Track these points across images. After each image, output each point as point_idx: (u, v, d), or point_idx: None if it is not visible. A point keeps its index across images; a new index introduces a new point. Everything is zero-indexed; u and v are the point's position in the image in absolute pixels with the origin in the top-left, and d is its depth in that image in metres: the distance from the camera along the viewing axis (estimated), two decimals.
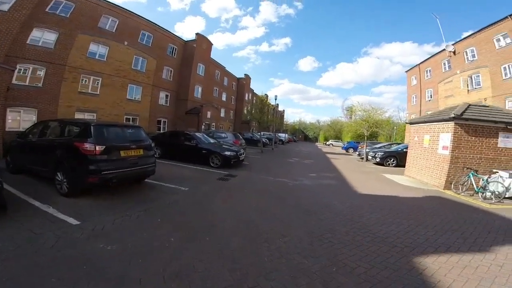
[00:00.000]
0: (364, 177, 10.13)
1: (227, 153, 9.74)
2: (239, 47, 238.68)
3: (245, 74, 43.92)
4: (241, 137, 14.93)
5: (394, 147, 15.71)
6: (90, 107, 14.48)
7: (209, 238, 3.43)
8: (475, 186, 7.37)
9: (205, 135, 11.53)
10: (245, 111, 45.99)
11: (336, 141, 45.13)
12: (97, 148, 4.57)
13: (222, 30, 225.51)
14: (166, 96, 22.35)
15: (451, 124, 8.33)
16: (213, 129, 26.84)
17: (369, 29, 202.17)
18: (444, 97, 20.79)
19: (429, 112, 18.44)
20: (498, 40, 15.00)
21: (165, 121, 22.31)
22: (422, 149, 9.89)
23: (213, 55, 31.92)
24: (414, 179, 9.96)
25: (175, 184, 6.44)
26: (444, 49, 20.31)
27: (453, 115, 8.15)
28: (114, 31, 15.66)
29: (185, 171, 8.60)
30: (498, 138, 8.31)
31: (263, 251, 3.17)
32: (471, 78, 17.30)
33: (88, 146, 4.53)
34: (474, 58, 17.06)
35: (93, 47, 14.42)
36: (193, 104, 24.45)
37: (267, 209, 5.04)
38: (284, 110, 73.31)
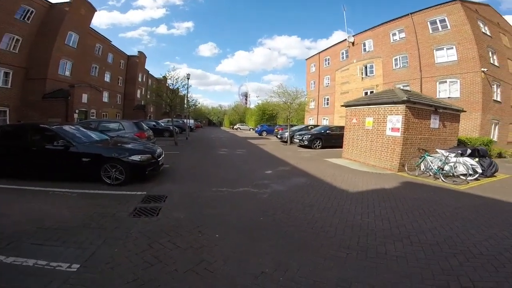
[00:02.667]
0: (318, 166, 8.77)
1: (136, 157, 5.60)
2: (129, 27, 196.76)
3: (138, 52, 35.15)
4: (146, 127, 10.29)
5: (315, 130, 15.78)
6: None
7: None
8: (433, 167, 7.36)
9: (82, 128, 6.60)
10: (138, 95, 37.31)
11: (243, 125, 45.21)
12: None
13: (108, 8, 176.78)
14: (6, 74, 13.79)
15: (401, 107, 8.21)
16: (94, 118, 19.37)
17: (266, 21, 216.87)
18: (341, 84, 23.45)
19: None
20: (394, 34, 17.55)
21: (5, 111, 13.83)
22: (364, 131, 9.56)
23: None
24: (358, 162, 9.61)
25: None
26: (344, 40, 22.58)
27: (405, 98, 8.04)
28: None
29: (46, 206, 4.02)
30: (430, 119, 8.86)
31: None
32: (366, 67, 19.91)
33: None
34: (371, 49, 19.59)
35: None
36: (56, 84, 16.93)
37: None
38: (184, 95, 66.57)
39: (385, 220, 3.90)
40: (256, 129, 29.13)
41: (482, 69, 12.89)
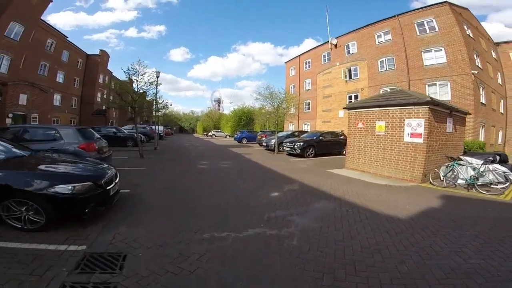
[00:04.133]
0: (327, 180, 7.01)
1: (64, 188, 3.19)
2: (96, 29, 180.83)
3: (100, 50, 31.10)
4: (97, 136, 7.54)
5: (305, 136, 14.24)
6: None
7: None
8: (465, 176, 6.16)
9: None
10: (98, 98, 32.56)
11: (218, 132, 42.79)
12: None
13: (75, 10, 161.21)
14: None
15: (423, 109, 7.00)
16: (36, 123, 15.70)
17: (240, 28, 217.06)
18: (323, 87, 22.60)
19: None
20: (380, 36, 16.98)
21: None
22: (374, 137, 8.16)
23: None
24: (368, 173, 8.15)
25: None
26: (325, 43, 21.86)
27: (429, 99, 6.83)
28: None
29: None
30: (446, 123, 7.80)
31: None
32: (350, 70, 19.20)
33: None
34: (354, 52, 18.92)
35: None
36: None
37: None
38: (153, 100, 61.84)
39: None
40: (235, 136, 26.97)
41: (473, 71, 12.62)
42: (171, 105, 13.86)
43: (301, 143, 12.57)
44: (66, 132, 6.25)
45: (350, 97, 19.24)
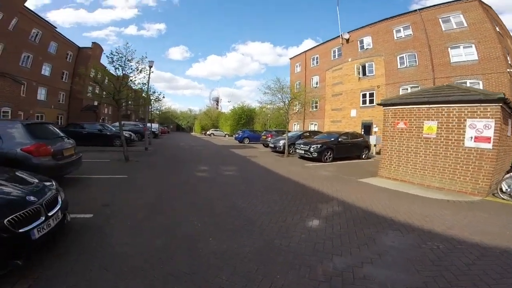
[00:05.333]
0: (372, 196, 5.56)
1: None
2: (95, 27, 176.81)
3: (93, 43, 29.08)
4: (59, 134, 5.72)
5: (320, 137, 12.78)
6: None
7: None
8: None
9: None
10: (89, 93, 30.14)
11: (217, 130, 41.15)
12: None
13: (76, 6, 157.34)
14: None
15: (493, 108, 5.55)
16: (8, 118, 14.04)
17: (240, 27, 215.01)
18: (332, 85, 21.22)
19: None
20: (398, 31, 15.66)
21: None
22: (422, 141, 6.74)
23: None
24: (411, 184, 6.76)
25: None
26: (335, 37, 20.44)
27: (501, 96, 5.37)
28: None
29: None
30: (508, 125, 6.48)
31: None
32: (364, 66, 17.86)
33: None
34: (369, 47, 17.56)
35: None
36: None
37: None
38: (142, 92, 59.62)
39: None
40: (237, 135, 25.30)
41: (508, 69, 11.41)
42: (163, 97, 11.69)
43: (318, 146, 11.09)
44: (8, 128, 4.50)
45: (363, 95, 17.89)
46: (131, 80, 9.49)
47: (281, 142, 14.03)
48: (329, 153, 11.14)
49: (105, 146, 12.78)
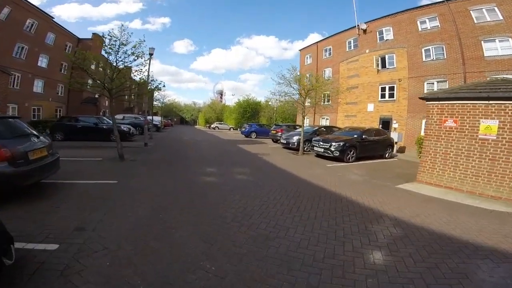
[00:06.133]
0: (426, 210, 4.70)
1: None
2: (100, 21, 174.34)
3: (93, 34, 27.50)
4: (27, 131, 4.44)
5: (341, 134, 11.77)
6: None
7: None
8: None
9: None
10: (88, 86, 28.88)
11: (221, 123, 40.27)
12: None
13: (80, 1, 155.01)
14: None
15: None
16: None
17: (245, 20, 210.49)
18: (347, 77, 20.09)
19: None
20: (423, 22, 14.47)
21: None
22: (476, 142, 5.82)
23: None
24: (460, 191, 5.90)
25: None
26: (351, 28, 19.20)
27: None
28: None
29: None
30: None
31: None
32: (384, 58, 16.72)
33: None
34: (390, 38, 16.36)
35: None
36: None
37: None
38: (140, 80, 58.30)
39: None
40: (243, 129, 24.29)
41: None
42: (164, 86, 10.39)
43: (340, 143, 10.12)
44: None
45: (382, 89, 16.82)
46: (126, 66, 8.45)
47: (295, 138, 13.13)
48: (352, 152, 10.22)
49: (102, 141, 11.92)
